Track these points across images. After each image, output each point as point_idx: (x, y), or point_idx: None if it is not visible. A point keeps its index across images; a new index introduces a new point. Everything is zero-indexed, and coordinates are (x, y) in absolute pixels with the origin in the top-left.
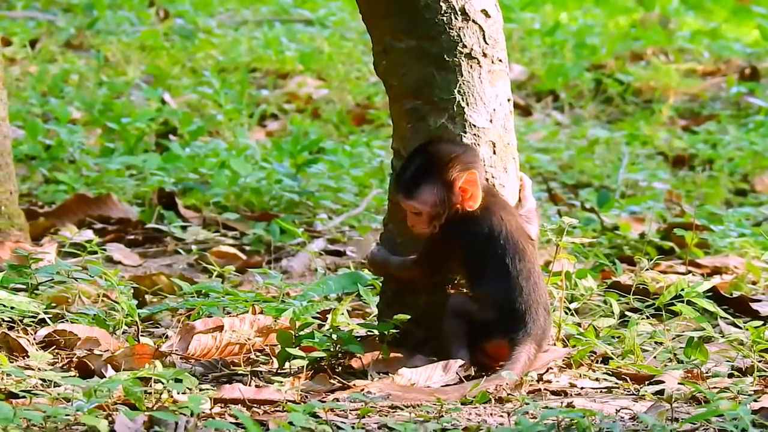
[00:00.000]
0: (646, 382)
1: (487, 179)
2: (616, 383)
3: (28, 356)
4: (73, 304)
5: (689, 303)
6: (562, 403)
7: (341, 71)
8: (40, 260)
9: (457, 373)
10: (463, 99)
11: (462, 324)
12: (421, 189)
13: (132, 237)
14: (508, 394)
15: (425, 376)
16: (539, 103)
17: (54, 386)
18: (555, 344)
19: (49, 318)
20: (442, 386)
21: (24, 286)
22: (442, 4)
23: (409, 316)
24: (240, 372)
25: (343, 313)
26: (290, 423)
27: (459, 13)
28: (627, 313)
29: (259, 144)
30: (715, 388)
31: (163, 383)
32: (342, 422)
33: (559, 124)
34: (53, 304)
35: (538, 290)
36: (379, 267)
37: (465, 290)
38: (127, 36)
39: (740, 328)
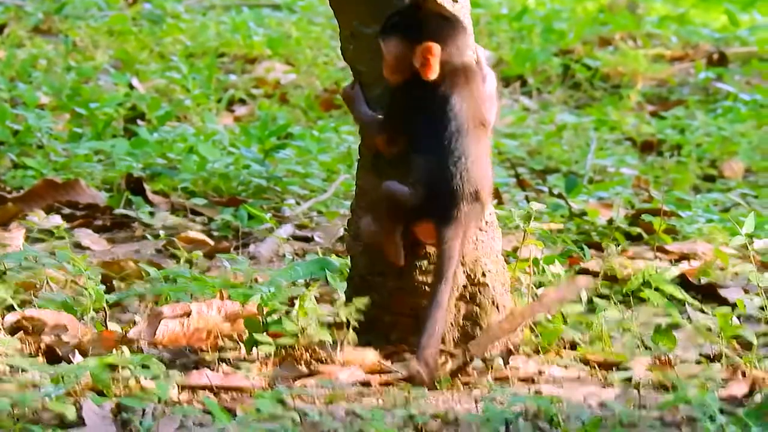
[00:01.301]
0: (614, 369)
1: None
2: (584, 370)
3: None
4: (41, 289)
5: (657, 289)
6: (529, 389)
7: (309, 56)
8: (8, 246)
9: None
10: None
11: (393, 218)
12: (391, 36)
13: (100, 222)
14: (476, 381)
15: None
16: (507, 88)
17: (21, 372)
18: (521, 331)
19: (16, 304)
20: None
21: None
22: None
23: (374, 301)
24: (207, 358)
25: (310, 299)
26: (258, 410)
27: None
28: (595, 299)
29: (227, 129)
30: (683, 374)
31: (130, 369)
32: (310, 409)
33: (527, 109)
34: (21, 290)
35: (469, 174)
36: (349, 102)
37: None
38: (96, 21)
39: (708, 314)
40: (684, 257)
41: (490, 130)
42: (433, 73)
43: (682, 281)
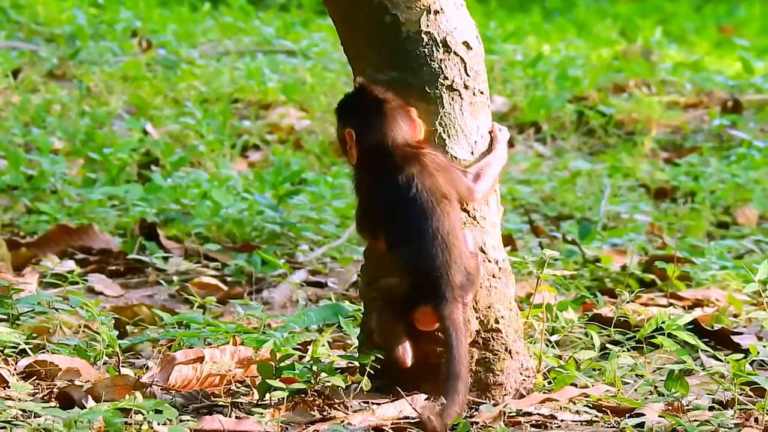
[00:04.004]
0: (627, 415)
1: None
2: (597, 416)
3: (8, 386)
4: (54, 334)
5: (670, 336)
6: None
7: (323, 102)
8: (22, 290)
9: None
10: (444, 131)
11: (392, 312)
12: (337, 122)
13: (113, 268)
14: (488, 426)
15: (398, 408)
16: (521, 134)
17: (34, 417)
18: (535, 377)
19: (29, 348)
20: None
21: (5, 317)
22: (423, 36)
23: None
24: (220, 403)
25: (323, 345)
26: None
27: (440, 45)
28: (608, 345)
29: (240, 175)
30: (695, 421)
31: (143, 414)
32: None
33: (541, 155)
34: (34, 335)
35: (449, 250)
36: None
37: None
38: (110, 66)
39: (721, 361)
40: (697, 304)
41: (475, 199)
42: (353, 158)
43: (696, 327)
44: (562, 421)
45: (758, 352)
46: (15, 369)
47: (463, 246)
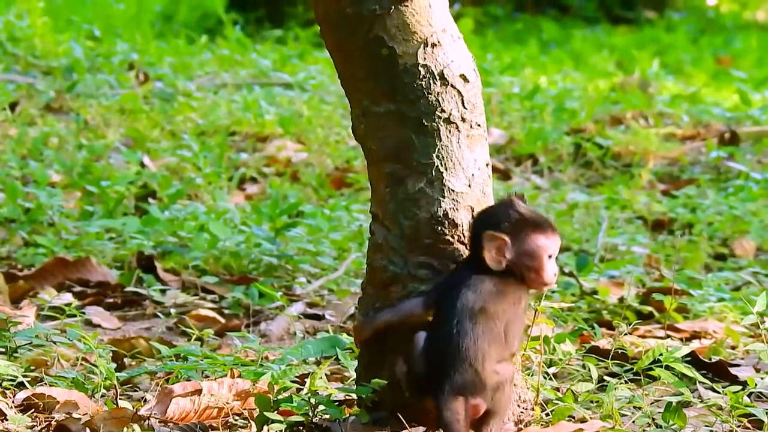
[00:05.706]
0: None
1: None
2: None
3: (6, 419)
4: (52, 367)
5: (668, 368)
6: None
7: (320, 135)
8: (19, 323)
9: None
10: (441, 163)
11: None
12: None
13: (111, 300)
14: None
15: None
16: (518, 166)
17: None
18: (533, 409)
19: (27, 381)
20: None
21: (3, 350)
22: (420, 68)
23: (387, 380)
24: None
25: (321, 377)
26: None
27: (437, 77)
28: (605, 377)
29: (238, 207)
30: None
31: None
32: None
33: (539, 188)
34: (32, 367)
35: (467, 352)
36: (366, 330)
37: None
38: (107, 99)
39: (719, 393)
40: (695, 336)
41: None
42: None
43: (693, 359)
44: None
45: (756, 384)
46: (13, 402)
47: (485, 360)
